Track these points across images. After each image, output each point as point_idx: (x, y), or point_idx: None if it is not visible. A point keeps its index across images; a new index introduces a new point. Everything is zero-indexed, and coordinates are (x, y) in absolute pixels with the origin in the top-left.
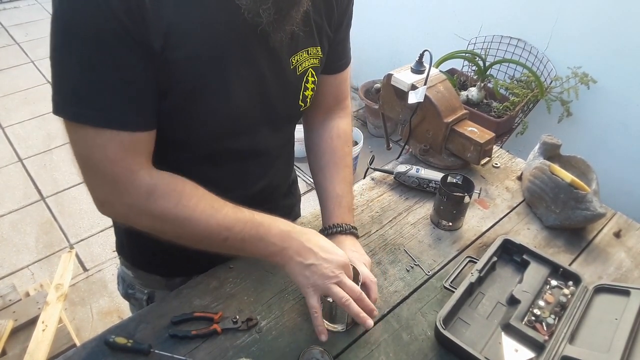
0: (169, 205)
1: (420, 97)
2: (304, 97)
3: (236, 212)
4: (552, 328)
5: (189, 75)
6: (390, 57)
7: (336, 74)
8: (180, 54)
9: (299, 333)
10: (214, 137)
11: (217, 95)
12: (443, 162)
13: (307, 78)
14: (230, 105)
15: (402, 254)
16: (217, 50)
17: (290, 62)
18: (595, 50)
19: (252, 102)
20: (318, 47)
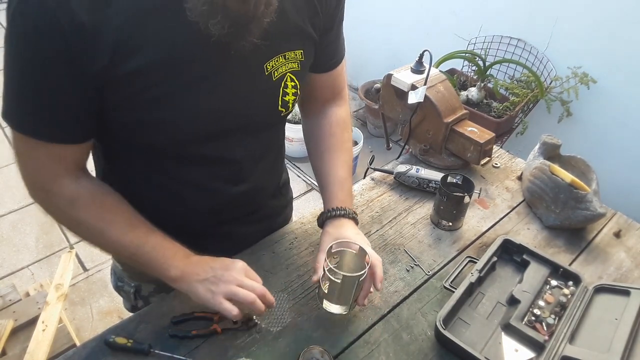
0: (88, 216)
1: (420, 97)
2: (284, 102)
3: (148, 234)
4: (552, 328)
5: (146, 84)
6: (390, 57)
7: (330, 72)
8: (132, 65)
9: (299, 333)
10: (181, 144)
11: (179, 103)
12: (443, 162)
13: (286, 83)
14: (194, 113)
15: (402, 254)
16: (175, 58)
17: (265, 68)
18: (595, 50)
19: (220, 109)
20: (298, 51)
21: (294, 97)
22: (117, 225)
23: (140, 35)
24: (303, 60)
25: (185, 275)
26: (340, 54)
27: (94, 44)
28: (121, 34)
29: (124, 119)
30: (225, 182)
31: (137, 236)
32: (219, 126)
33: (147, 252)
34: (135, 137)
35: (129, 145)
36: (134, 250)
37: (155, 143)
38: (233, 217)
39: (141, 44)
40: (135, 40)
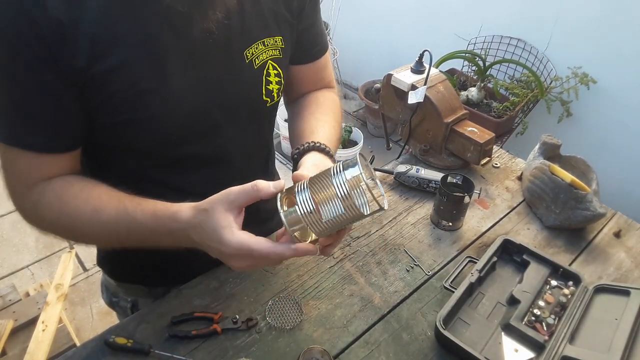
0: (53, 216)
1: (420, 97)
2: (268, 91)
3: (118, 210)
4: (552, 328)
5: (125, 82)
6: (390, 57)
7: (311, 63)
8: (111, 61)
9: (299, 333)
10: (171, 143)
11: (161, 100)
12: (443, 162)
13: (268, 71)
14: (179, 109)
15: (402, 254)
16: (152, 53)
17: (245, 56)
18: (595, 50)
19: (206, 103)
20: (277, 37)
21: (277, 86)
22: (84, 215)
23: (116, 28)
24: (284, 47)
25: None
26: (321, 43)
27: (72, 41)
28: (98, 29)
29: (106, 120)
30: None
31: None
32: (204, 120)
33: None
34: (120, 139)
35: (115, 150)
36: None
37: (142, 144)
38: None
39: (118, 38)
40: (112, 35)
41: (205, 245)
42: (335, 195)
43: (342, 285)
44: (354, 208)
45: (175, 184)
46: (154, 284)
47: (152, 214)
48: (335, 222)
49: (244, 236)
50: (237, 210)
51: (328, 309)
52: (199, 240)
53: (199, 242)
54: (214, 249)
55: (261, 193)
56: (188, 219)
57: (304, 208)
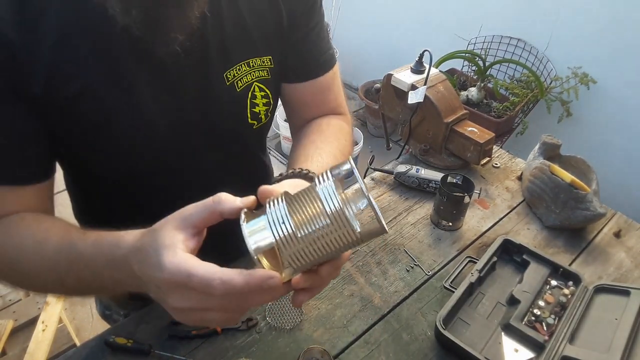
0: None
1: (420, 97)
2: (254, 114)
3: (62, 241)
4: (552, 328)
5: (90, 109)
6: (390, 57)
7: (308, 81)
8: (70, 90)
9: (299, 333)
10: (153, 171)
11: (131, 127)
12: (443, 162)
13: (254, 93)
14: (152, 135)
15: (402, 254)
16: (117, 77)
17: (225, 78)
18: (595, 50)
19: (182, 128)
20: (265, 57)
21: (265, 108)
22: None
23: (76, 53)
24: (273, 67)
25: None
26: (320, 60)
27: (26, 66)
28: (55, 53)
29: (76, 149)
30: None
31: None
32: (183, 145)
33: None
34: (96, 168)
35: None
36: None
37: (120, 173)
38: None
39: (79, 64)
40: (72, 59)
41: (144, 277)
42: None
43: (342, 285)
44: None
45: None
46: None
47: (93, 241)
48: (314, 241)
49: (186, 258)
50: (191, 229)
51: (328, 309)
52: (137, 271)
53: (138, 274)
54: (151, 279)
55: (224, 206)
56: (131, 242)
57: (274, 217)
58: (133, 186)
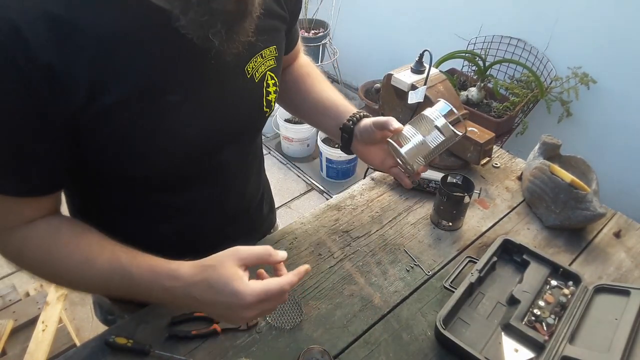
0: (37, 263)
1: (420, 97)
2: (268, 102)
3: (112, 262)
4: (552, 328)
5: (127, 116)
6: (390, 57)
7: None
8: (110, 98)
9: (299, 333)
10: (172, 170)
11: (162, 133)
12: (443, 162)
13: (267, 82)
14: (180, 139)
15: (402, 254)
16: (154, 83)
17: (246, 72)
18: (595, 50)
19: (210, 127)
20: (272, 47)
21: (275, 95)
22: (74, 263)
23: (114, 64)
24: (277, 56)
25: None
26: (298, 32)
27: (65, 84)
28: (94, 67)
29: (106, 157)
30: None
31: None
32: (208, 143)
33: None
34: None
35: (113, 181)
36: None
37: (142, 173)
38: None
39: (117, 74)
40: (110, 71)
41: (210, 302)
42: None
43: (342, 285)
44: (448, 130)
45: (175, 204)
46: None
47: (149, 270)
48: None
49: (257, 284)
50: (244, 268)
51: (328, 309)
52: (201, 297)
53: (201, 299)
54: (224, 303)
55: (272, 258)
56: (189, 276)
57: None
58: (148, 183)
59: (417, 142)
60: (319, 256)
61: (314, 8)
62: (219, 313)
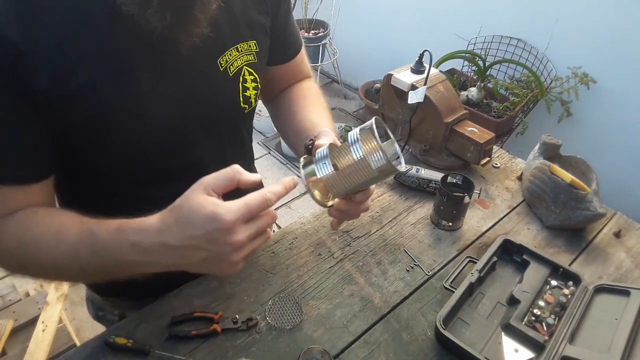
0: (12, 245)
1: (420, 97)
2: (246, 98)
3: (81, 231)
4: (552, 328)
5: (92, 103)
6: (390, 57)
7: (287, 62)
8: (73, 84)
9: (299, 333)
10: (147, 159)
11: (132, 118)
12: (443, 162)
13: (244, 77)
14: (152, 125)
15: (402, 254)
16: (120, 70)
17: (218, 64)
18: (595, 50)
19: (181, 117)
20: (251, 42)
21: (255, 92)
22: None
23: (80, 46)
24: (258, 52)
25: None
26: (296, 43)
27: (29, 63)
28: (58, 48)
29: (77, 143)
30: None
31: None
32: (181, 133)
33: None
34: (93, 160)
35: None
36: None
37: (117, 163)
38: None
39: (83, 57)
40: (76, 53)
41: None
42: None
43: (342, 285)
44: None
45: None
46: (142, 296)
47: (116, 229)
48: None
49: (234, 201)
50: (215, 195)
51: (328, 309)
52: (176, 242)
53: (177, 245)
54: (203, 237)
55: (242, 176)
56: (158, 222)
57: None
58: (129, 174)
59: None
60: (319, 256)
61: (314, 8)
62: (203, 256)
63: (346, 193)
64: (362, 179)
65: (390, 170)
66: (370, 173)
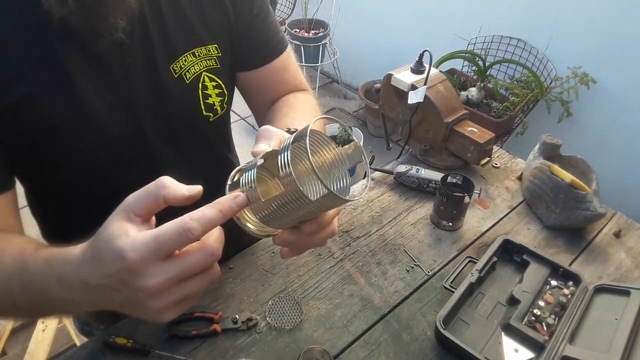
0: None
1: (420, 97)
2: (208, 105)
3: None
4: (552, 328)
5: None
6: (390, 57)
7: (263, 67)
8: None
9: (299, 333)
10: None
11: (78, 130)
12: (443, 162)
13: (204, 84)
14: (102, 137)
15: (402, 254)
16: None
17: (172, 71)
18: (595, 50)
19: (134, 127)
20: (211, 46)
21: (219, 98)
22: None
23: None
24: (221, 56)
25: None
26: (270, 44)
27: None
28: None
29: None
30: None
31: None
32: (137, 144)
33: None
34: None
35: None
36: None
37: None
38: None
39: (19, 69)
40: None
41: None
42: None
43: (342, 285)
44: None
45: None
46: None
47: (44, 259)
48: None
49: (143, 232)
50: (138, 219)
51: (328, 309)
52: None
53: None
54: (113, 277)
55: (168, 191)
56: (79, 256)
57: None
58: (91, 189)
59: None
60: (319, 256)
61: (314, 8)
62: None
63: (285, 225)
64: (299, 211)
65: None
66: (306, 205)
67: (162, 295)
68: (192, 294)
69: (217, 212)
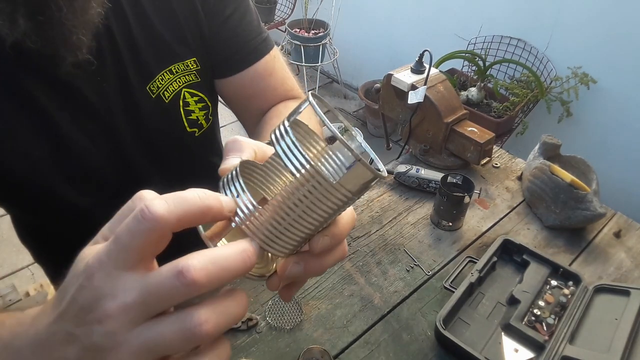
0: None
1: (420, 97)
2: (192, 121)
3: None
4: (552, 328)
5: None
6: (390, 57)
7: (242, 72)
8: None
9: (298, 333)
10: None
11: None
12: (443, 162)
13: (185, 101)
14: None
15: (402, 254)
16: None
17: (149, 91)
18: (595, 50)
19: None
20: (189, 60)
21: (203, 112)
22: None
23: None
24: (200, 69)
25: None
26: (247, 47)
27: None
28: None
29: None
30: None
31: None
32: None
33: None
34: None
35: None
36: None
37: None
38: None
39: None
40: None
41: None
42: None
43: (342, 285)
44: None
45: None
46: None
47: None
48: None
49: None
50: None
51: (328, 309)
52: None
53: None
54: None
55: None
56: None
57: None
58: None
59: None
60: None
61: (314, 8)
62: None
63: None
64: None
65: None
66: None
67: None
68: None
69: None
